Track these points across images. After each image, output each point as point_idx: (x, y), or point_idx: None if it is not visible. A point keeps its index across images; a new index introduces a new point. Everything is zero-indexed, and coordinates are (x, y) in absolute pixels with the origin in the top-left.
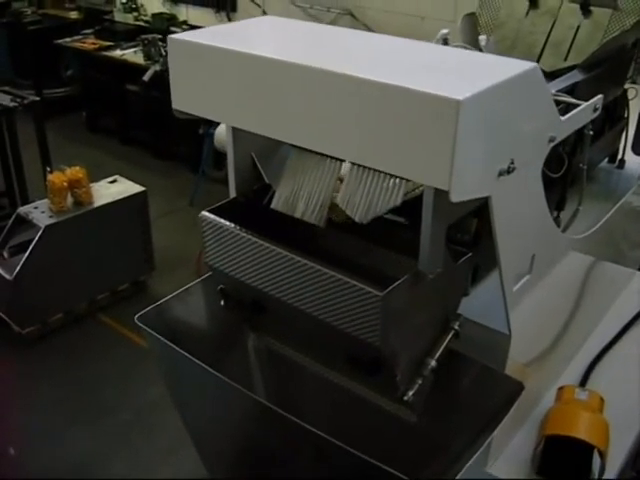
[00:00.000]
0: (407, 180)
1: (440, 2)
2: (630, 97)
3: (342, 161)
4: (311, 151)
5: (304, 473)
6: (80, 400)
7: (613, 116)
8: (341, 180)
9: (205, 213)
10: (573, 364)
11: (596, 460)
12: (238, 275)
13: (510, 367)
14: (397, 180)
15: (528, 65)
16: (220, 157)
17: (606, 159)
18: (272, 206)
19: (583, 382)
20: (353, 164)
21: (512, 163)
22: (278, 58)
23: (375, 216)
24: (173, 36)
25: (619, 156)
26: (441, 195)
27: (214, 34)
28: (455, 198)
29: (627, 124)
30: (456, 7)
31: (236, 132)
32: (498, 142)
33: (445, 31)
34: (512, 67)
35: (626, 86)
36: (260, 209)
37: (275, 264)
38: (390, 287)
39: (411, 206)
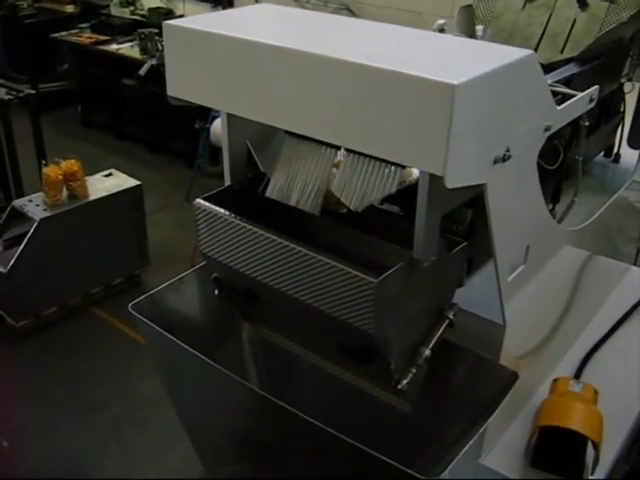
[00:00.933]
0: (402, 168)
1: None
2: (626, 91)
3: (337, 149)
4: (306, 139)
5: (298, 462)
6: (74, 394)
7: (609, 110)
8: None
9: (199, 200)
10: (568, 357)
11: (590, 451)
12: (232, 263)
13: (504, 359)
14: (392, 168)
15: (525, 52)
16: (216, 152)
17: (602, 153)
18: (267, 194)
19: (577, 375)
20: (348, 152)
21: (507, 151)
22: (273, 44)
23: (370, 204)
24: (169, 22)
25: (615, 150)
26: (436, 181)
27: (209, 20)
28: (450, 184)
29: (623, 118)
30: (453, 3)
31: (231, 119)
32: (494, 129)
33: (442, 21)
34: (509, 54)
35: (622, 81)
36: (255, 197)
37: (269, 252)
38: (385, 274)
39: (407, 195)
